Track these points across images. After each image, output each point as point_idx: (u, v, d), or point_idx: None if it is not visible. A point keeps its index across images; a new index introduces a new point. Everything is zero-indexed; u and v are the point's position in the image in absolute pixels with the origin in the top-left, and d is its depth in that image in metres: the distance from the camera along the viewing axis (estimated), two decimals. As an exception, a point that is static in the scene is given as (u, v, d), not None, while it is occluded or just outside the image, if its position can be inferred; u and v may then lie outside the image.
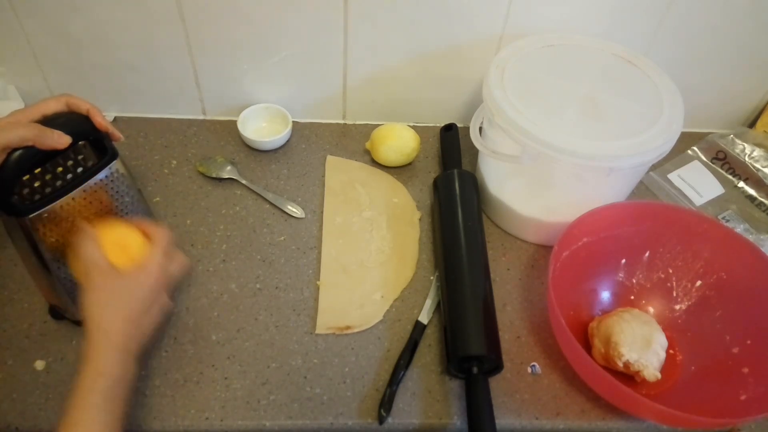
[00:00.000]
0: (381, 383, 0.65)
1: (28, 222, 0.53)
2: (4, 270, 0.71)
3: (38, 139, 0.50)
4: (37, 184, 0.53)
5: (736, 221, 0.84)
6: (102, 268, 0.53)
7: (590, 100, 0.71)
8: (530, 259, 0.78)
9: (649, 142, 0.66)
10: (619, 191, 0.75)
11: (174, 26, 0.79)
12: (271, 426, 0.61)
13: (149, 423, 0.60)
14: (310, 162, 0.88)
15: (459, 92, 0.92)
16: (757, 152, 0.90)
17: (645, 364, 0.63)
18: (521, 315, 0.72)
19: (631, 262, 0.74)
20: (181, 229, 0.77)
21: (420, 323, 0.69)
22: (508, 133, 0.67)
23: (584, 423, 0.63)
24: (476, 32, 0.83)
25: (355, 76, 0.88)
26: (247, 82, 0.88)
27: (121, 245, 0.56)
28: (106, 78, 0.86)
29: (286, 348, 0.67)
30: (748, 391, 0.61)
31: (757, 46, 0.86)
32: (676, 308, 0.72)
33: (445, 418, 0.63)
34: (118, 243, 0.56)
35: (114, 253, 0.55)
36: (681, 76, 0.77)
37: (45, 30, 0.79)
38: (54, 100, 0.55)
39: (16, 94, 0.85)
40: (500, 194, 0.78)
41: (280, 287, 0.72)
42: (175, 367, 0.64)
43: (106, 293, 0.53)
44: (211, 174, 0.83)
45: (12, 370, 0.63)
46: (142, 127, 0.90)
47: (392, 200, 0.83)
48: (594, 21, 0.82)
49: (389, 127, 0.86)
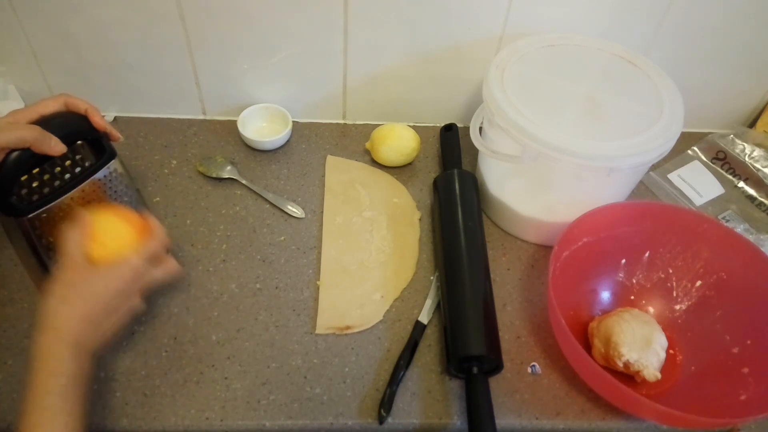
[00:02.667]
0: (381, 383, 0.65)
1: (27, 222, 0.53)
2: (4, 270, 0.70)
3: (36, 143, 0.50)
4: (35, 185, 0.53)
5: (736, 221, 0.84)
6: (73, 261, 0.52)
7: (590, 100, 0.71)
8: (530, 259, 0.78)
9: (649, 142, 0.66)
10: (619, 191, 0.75)
11: (174, 26, 0.79)
12: (271, 426, 0.61)
13: (149, 423, 0.60)
14: (310, 162, 0.88)
15: (459, 92, 0.92)
16: (757, 152, 0.90)
17: (645, 364, 0.63)
18: (521, 315, 0.72)
19: (631, 262, 0.74)
20: (181, 229, 0.77)
21: (420, 323, 0.69)
22: (508, 133, 0.67)
23: (584, 423, 0.63)
24: (476, 32, 0.83)
25: (355, 76, 0.88)
26: (247, 82, 0.88)
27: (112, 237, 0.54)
28: (106, 78, 0.86)
29: (286, 348, 0.67)
30: (748, 391, 0.61)
31: (757, 46, 0.86)
32: (676, 308, 0.72)
33: (445, 418, 0.63)
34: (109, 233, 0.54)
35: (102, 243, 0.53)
36: (681, 76, 0.77)
37: (45, 30, 0.79)
38: (52, 100, 0.55)
39: (16, 94, 0.85)
40: (500, 194, 0.78)
41: (280, 287, 0.72)
42: (175, 367, 0.64)
43: (68, 288, 0.51)
44: (211, 174, 0.83)
45: (12, 370, 0.63)
46: (142, 127, 0.90)
47: (392, 200, 0.83)
48: (594, 21, 0.82)
49: (389, 127, 0.86)
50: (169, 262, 0.58)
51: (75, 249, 0.52)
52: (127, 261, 0.53)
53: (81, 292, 0.51)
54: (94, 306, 0.51)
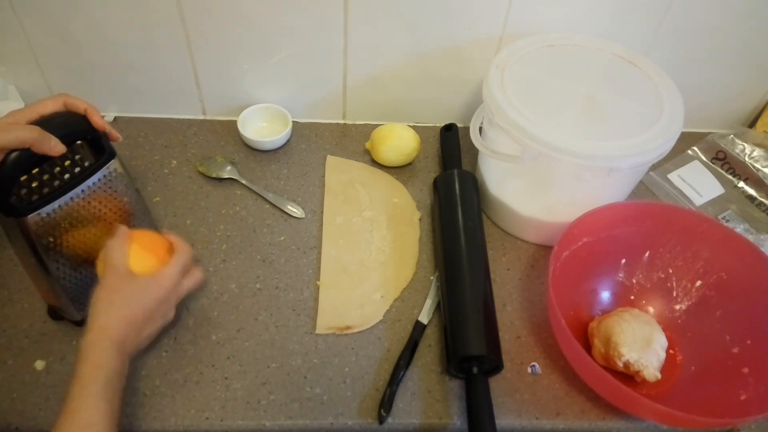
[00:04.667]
0: (381, 383, 0.65)
1: (27, 222, 0.53)
2: (4, 270, 0.71)
3: (36, 143, 0.50)
4: (34, 185, 0.53)
5: (736, 221, 0.84)
6: (118, 270, 0.55)
7: (590, 100, 0.71)
8: (530, 259, 0.78)
9: (649, 142, 0.66)
10: (619, 191, 0.75)
11: (174, 26, 0.79)
12: (271, 426, 0.61)
13: (149, 423, 0.60)
14: (310, 162, 0.88)
15: (459, 92, 0.92)
16: (757, 152, 0.90)
17: (645, 364, 0.63)
18: (521, 315, 0.72)
19: (631, 262, 0.74)
20: (181, 229, 0.77)
21: (420, 323, 0.69)
22: (508, 133, 0.67)
23: (584, 423, 0.63)
24: (476, 32, 0.83)
25: (355, 76, 0.88)
26: (247, 82, 0.88)
27: (148, 252, 0.58)
28: (106, 78, 0.86)
29: (286, 348, 0.67)
30: (748, 391, 0.61)
31: (757, 46, 0.86)
32: (676, 308, 0.72)
33: (445, 418, 0.63)
34: (145, 248, 0.58)
35: (139, 259, 0.57)
36: (681, 76, 0.77)
37: (45, 30, 0.79)
38: (51, 100, 0.55)
39: (16, 94, 0.85)
40: (500, 194, 0.78)
41: (280, 287, 0.72)
42: (175, 367, 0.64)
43: (114, 293, 0.55)
44: (211, 174, 0.83)
45: (12, 370, 0.63)
46: (142, 127, 0.90)
47: (392, 200, 0.83)
48: (594, 21, 0.82)
49: (389, 127, 0.86)
50: (196, 273, 0.62)
51: (118, 259, 0.56)
52: (167, 273, 0.57)
53: (125, 297, 0.55)
54: (137, 311, 0.55)
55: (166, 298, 0.57)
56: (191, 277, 0.61)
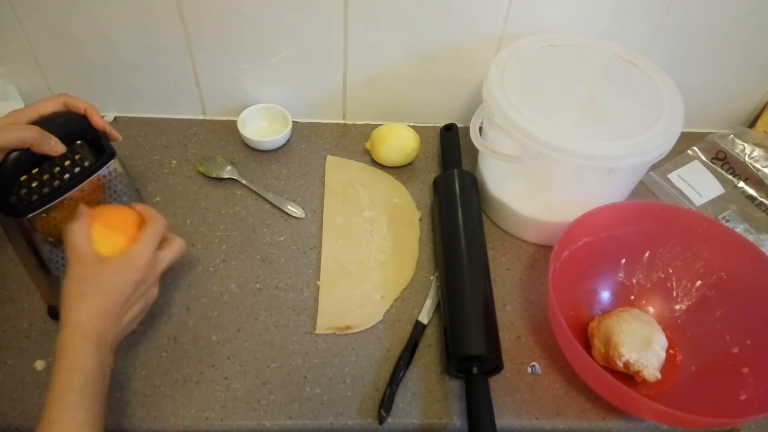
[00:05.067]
0: (381, 383, 0.65)
1: (27, 222, 0.53)
2: (4, 270, 0.71)
3: (35, 143, 0.50)
4: (34, 185, 0.53)
5: (736, 221, 0.84)
6: (83, 256, 0.51)
7: (590, 100, 0.71)
8: (530, 259, 0.78)
9: (649, 142, 0.66)
10: (619, 191, 0.75)
11: (174, 26, 0.79)
12: (271, 426, 0.61)
13: (149, 423, 0.60)
14: (310, 162, 0.88)
15: (459, 92, 0.92)
16: (757, 152, 0.90)
17: (645, 364, 0.63)
18: (521, 315, 0.72)
19: (631, 262, 0.74)
20: (181, 229, 0.77)
21: (420, 323, 0.69)
22: (508, 133, 0.67)
23: (584, 423, 0.63)
24: (476, 32, 0.83)
25: (355, 76, 0.88)
26: (247, 82, 0.88)
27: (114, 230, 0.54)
28: (106, 78, 0.86)
29: (286, 348, 0.67)
30: (748, 391, 0.61)
31: (757, 46, 0.86)
32: (676, 308, 0.72)
33: (445, 418, 0.63)
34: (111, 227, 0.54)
35: (105, 239, 0.53)
36: (681, 76, 0.77)
37: (45, 30, 0.79)
38: (51, 100, 0.55)
39: (16, 94, 0.85)
40: (500, 194, 0.78)
41: (280, 287, 0.72)
42: (175, 367, 0.64)
43: (82, 283, 0.51)
44: (211, 174, 0.83)
45: (12, 370, 0.62)
46: (142, 127, 0.90)
47: (392, 200, 0.83)
48: (594, 21, 0.82)
49: (389, 127, 0.86)
50: (174, 241, 0.58)
51: (81, 244, 0.52)
52: (138, 250, 0.53)
53: (96, 285, 0.51)
54: (112, 299, 0.51)
55: (143, 278, 0.53)
56: (171, 247, 0.57)
